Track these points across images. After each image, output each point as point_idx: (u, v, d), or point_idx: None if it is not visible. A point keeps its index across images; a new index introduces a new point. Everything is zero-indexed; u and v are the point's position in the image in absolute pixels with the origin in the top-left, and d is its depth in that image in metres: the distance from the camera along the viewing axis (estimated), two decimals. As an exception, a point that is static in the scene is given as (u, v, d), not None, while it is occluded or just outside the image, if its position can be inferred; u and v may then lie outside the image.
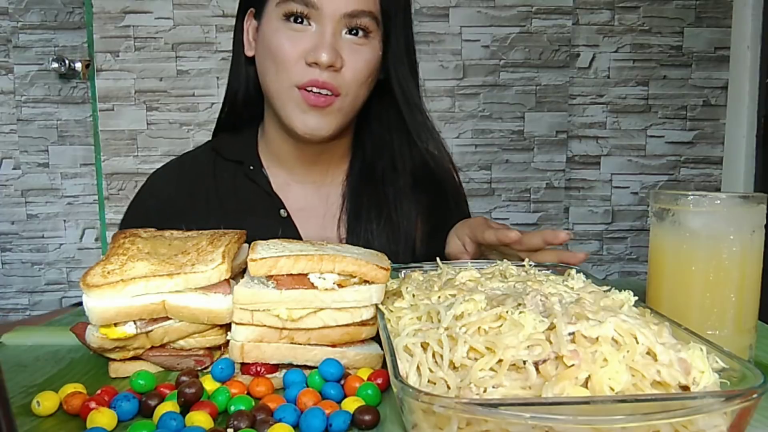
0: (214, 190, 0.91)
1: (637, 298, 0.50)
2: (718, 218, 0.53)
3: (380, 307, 0.51)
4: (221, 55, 1.77)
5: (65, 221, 1.94)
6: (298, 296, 0.49)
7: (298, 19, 0.80)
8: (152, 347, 0.52)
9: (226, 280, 0.51)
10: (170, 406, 0.44)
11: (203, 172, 0.93)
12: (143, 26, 1.76)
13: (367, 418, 0.42)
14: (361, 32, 0.81)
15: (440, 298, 0.50)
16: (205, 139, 1.03)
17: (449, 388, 0.39)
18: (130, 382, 0.48)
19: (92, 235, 1.95)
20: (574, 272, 0.59)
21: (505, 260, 0.63)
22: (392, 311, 0.51)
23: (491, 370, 0.38)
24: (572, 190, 1.92)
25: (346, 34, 0.80)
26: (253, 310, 0.49)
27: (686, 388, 0.38)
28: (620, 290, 0.50)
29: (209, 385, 0.47)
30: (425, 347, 0.42)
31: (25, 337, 0.62)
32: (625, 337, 0.39)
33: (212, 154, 0.94)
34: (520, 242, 0.71)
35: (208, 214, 0.89)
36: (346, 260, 0.50)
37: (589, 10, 1.85)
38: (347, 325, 0.50)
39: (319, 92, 0.79)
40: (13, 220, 1.92)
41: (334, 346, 0.51)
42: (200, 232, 0.60)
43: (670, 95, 1.90)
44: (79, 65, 1.82)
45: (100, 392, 0.46)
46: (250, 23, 0.88)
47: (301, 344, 0.50)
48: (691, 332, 0.44)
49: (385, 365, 0.50)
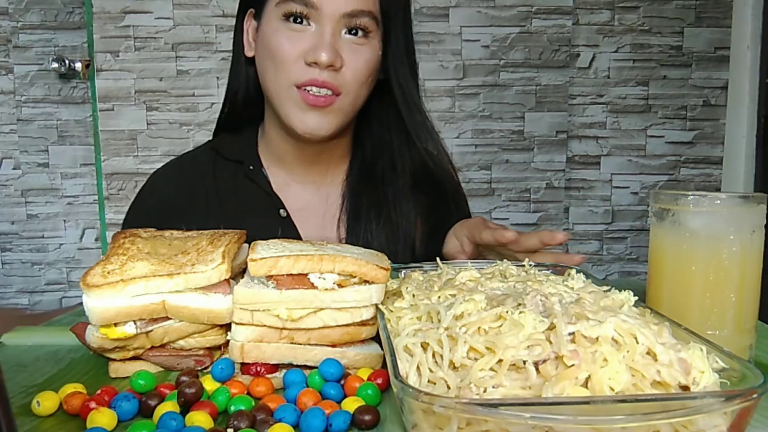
0: (214, 190, 0.92)
1: (637, 298, 0.50)
2: (718, 218, 0.53)
3: (380, 307, 0.51)
4: (221, 55, 1.77)
5: (65, 221, 1.94)
6: (298, 296, 0.49)
7: (297, 19, 0.80)
8: (152, 347, 0.52)
9: (226, 280, 0.51)
10: (170, 406, 0.44)
11: (203, 172, 0.93)
12: (143, 26, 1.76)
13: (367, 418, 0.42)
14: (360, 32, 0.81)
15: (440, 298, 0.50)
16: (205, 139, 1.03)
17: (449, 388, 0.39)
18: (130, 382, 0.48)
19: (92, 235, 1.95)
20: (574, 272, 0.59)
21: (504, 260, 0.63)
22: (392, 311, 0.51)
23: (491, 370, 0.38)
24: (572, 190, 1.91)
25: (345, 33, 0.80)
26: (253, 310, 0.49)
27: (686, 388, 0.38)
28: (620, 290, 0.50)
29: (209, 385, 0.47)
30: (425, 347, 0.42)
31: (25, 337, 0.62)
32: (625, 337, 0.39)
33: (212, 154, 0.94)
34: (517, 243, 0.71)
35: (208, 214, 0.90)
36: (346, 260, 0.50)
37: (589, 10, 1.84)
38: (347, 325, 0.50)
39: (318, 92, 0.79)
40: (13, 220, 1.92)
41: (334, 346, 0.51)
42: (200, 232, 0.60)
43: (670, 95, 1.90)
44: (79, 65, 1.82)
45: (100, 392, 0.46)
46: (249, 23, 0.88)
47: (301, 344, 0.50)
48: (691, 332, 0.44)
49: (385, 365, 0.50)
